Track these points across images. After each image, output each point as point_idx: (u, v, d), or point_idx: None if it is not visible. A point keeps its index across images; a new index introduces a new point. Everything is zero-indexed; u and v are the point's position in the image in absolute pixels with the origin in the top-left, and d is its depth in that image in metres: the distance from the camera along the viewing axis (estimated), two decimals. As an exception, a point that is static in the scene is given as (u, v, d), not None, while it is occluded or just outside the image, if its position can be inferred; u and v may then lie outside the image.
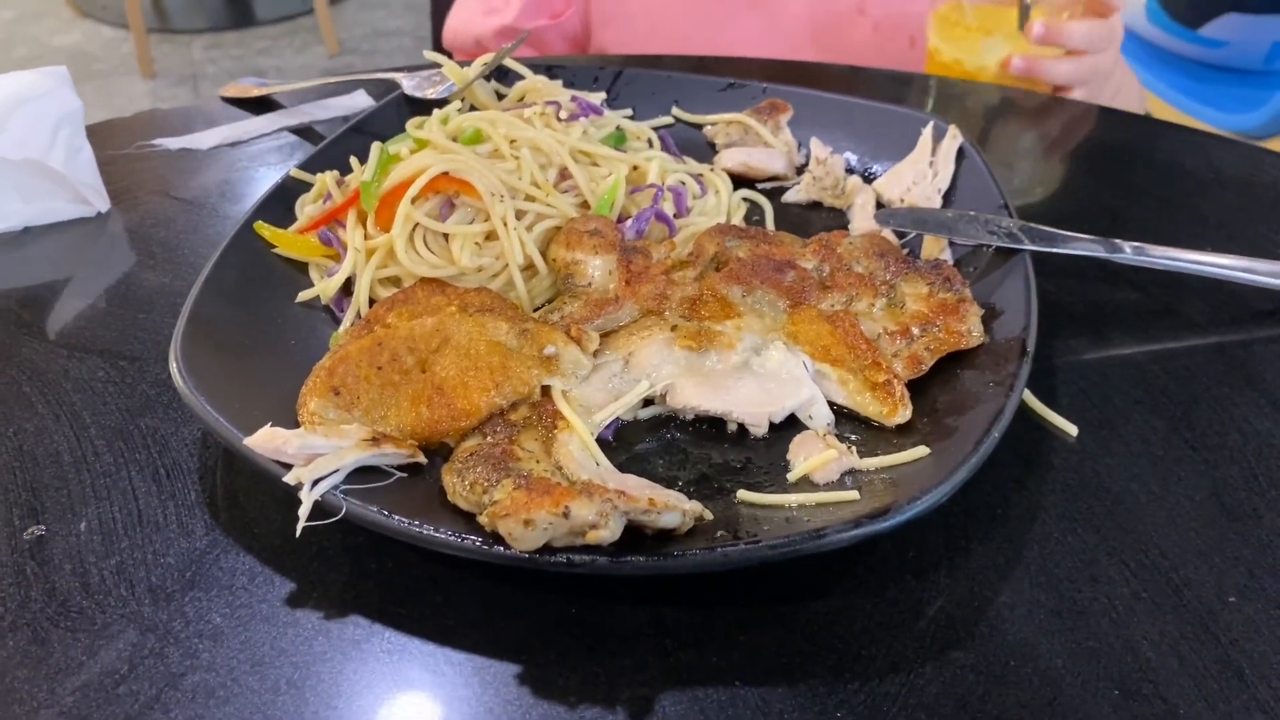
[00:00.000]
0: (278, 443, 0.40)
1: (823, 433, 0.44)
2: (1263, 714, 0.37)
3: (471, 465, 0.41)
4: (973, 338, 0.47)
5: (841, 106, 0.61)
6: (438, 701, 0.37)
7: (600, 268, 0.49)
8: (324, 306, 0.52)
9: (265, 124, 0.67)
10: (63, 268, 0.58)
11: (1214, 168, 0.66)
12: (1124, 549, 0.42)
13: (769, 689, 0.37)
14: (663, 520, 0.38)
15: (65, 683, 0.38)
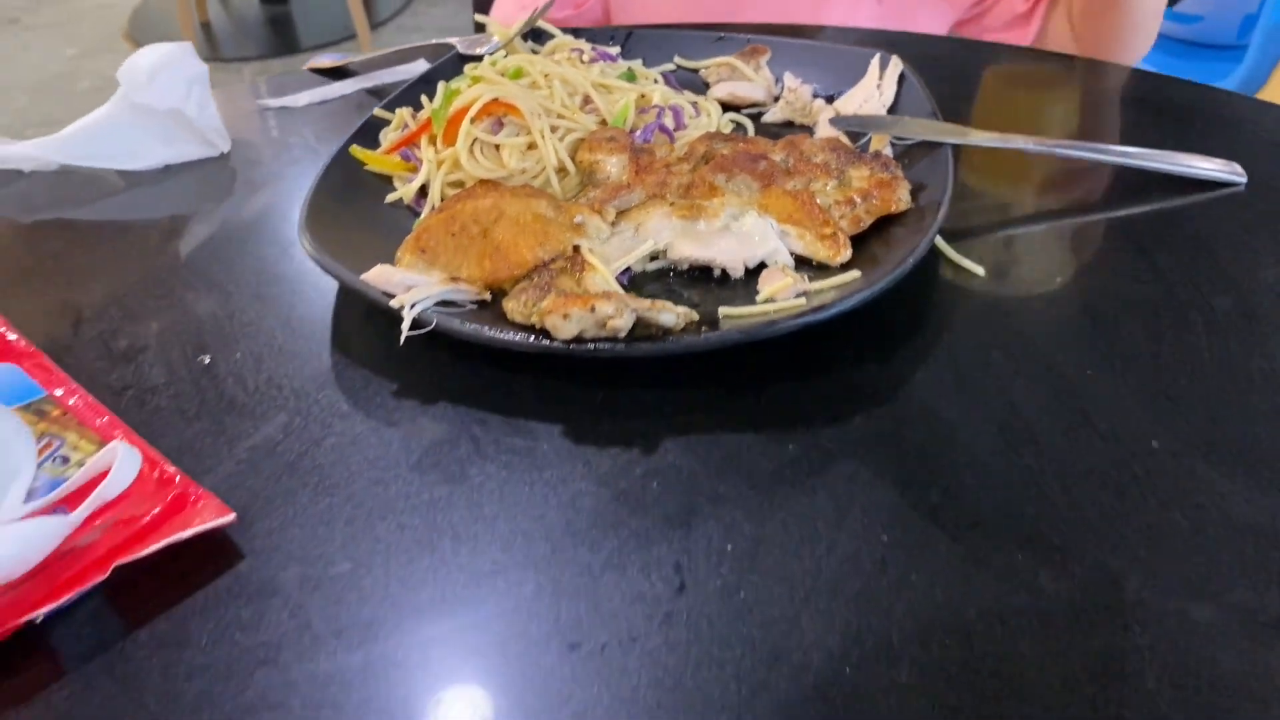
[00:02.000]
0: (387, 275, 0.56)
1: (782, 267, 0.59)
2: (1102, 441, 0.51)
3: (523, 291, 0.56)
4: (902, 204, 0.62)
5: (809, 48, 0.76)
6: (500, 450, 0.52)
7: (615, 164, 0.65)
8: (406, 206, 0.67)
9: (345, 87, 0.83)
10: (198, 194, 0.74)
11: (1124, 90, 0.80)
12: (1011, 347, 0.57)
13: (741, 435, 0.52)
14: (662, 318, 0.53)
15: (238, 446, 0.53)
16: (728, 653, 0.43)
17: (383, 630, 0.44)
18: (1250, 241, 0.63)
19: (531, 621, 0.44)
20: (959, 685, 0.41)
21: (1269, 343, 0.56)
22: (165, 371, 0.58)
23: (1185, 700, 0.40)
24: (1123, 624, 0.43)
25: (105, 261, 0.68)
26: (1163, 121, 0.77)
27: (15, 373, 0.57)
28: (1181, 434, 0.51)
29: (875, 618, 0.43)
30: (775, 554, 0.46)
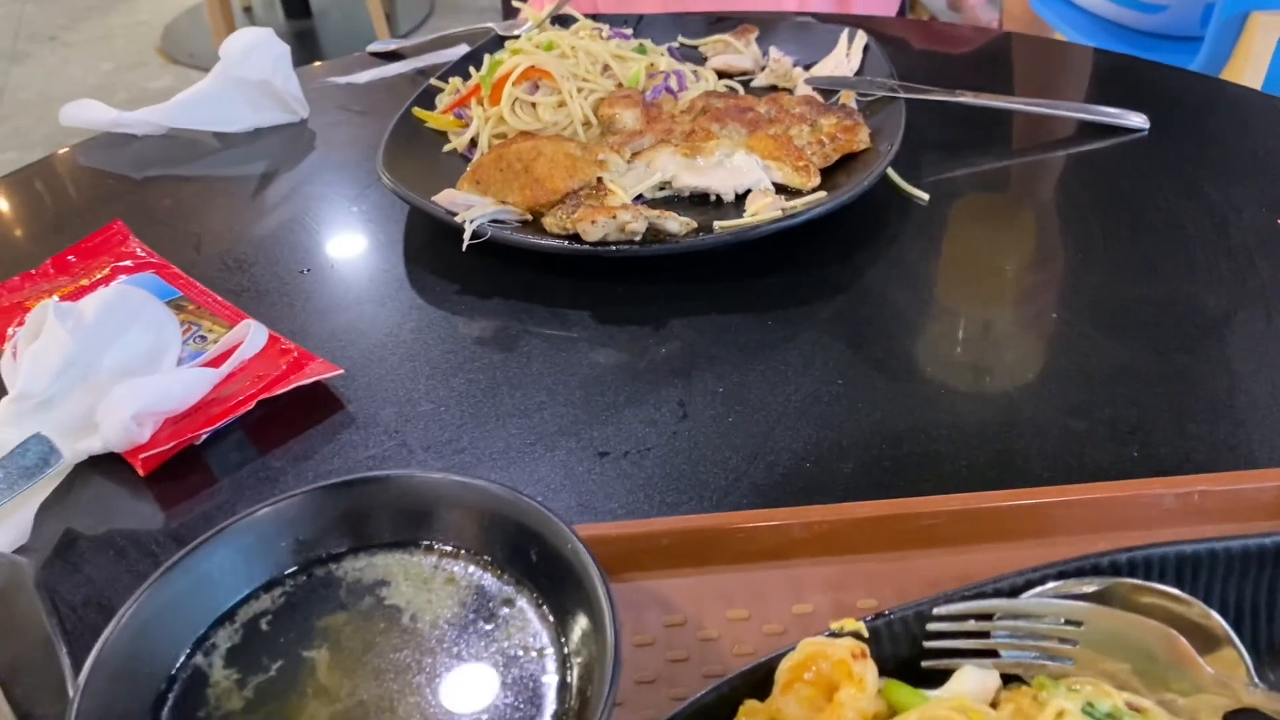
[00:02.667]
0: (452, 196, 0.70)
1: (764, 190, 0.73)
2: (1014, 311, 0.65)
3: (558, 209, 0.70)
4: (862, 143, 0.76)
5: (791, 25, 0.91)
6: (542, 329, 0.67)
7: (630, 117, 0.79)
8: (460, 155, 0.82)
9: (402, 67, 0.98)
10: (284, 151, 0.89)
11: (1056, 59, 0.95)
12: (946, 250, 0.71)
13: (730, 316, 0.66)
14: (668, 225, 0.68)
15: (337, 327, 0.68)
16: (718, 455, 0.57)
17: (460, 445, 0.59)
18: (1148, 176, 0.77)
19: (570, 438, 0.59)
20: (890, 473, 0.55)
21: (1149, 248, 0.70)
22: (273, 277, 0.73)
23: (1058, 479, 0.54)
24: (1018, 433, 0.57)
25: (213, 203, 0.83)
26: (1085, 82, 0.92)
27: (154, 280, 0.72)
28: (1076, 308, 0.65)
29: (829, 431, 0.58)
30: (755, 392, 0.61)
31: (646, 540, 0.49)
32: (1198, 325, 0.63)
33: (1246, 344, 0.61)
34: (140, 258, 0.74)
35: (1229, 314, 0.64)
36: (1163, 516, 0.50)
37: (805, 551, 0.50)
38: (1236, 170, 0.76)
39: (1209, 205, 0.73)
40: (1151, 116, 0.81)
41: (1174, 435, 0.56)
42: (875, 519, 0.50)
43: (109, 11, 3.74)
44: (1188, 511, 0.49)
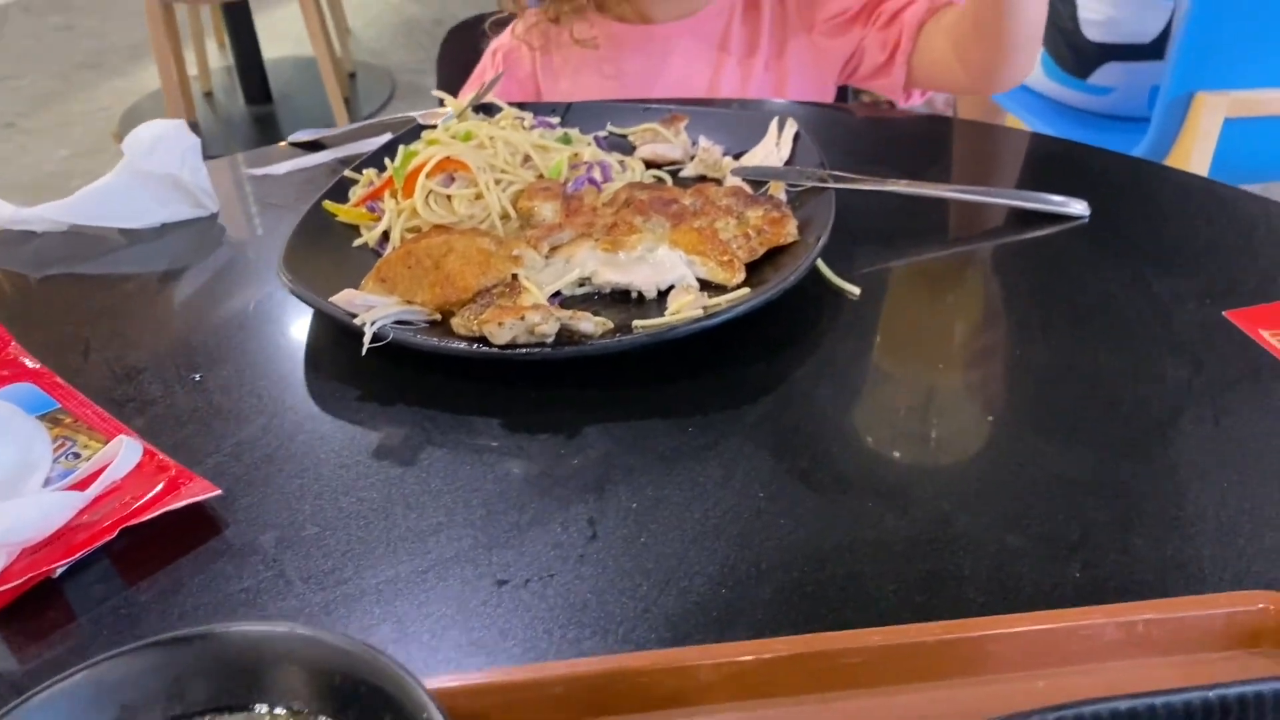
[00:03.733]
0: (350, 297, 0.66)
1: (687, 287, 0.69)
2: (948, 417, 0.61)
3: (468, 309, 0.66)
4: (790, 236, 0.73)
5: (720, 114, 0.89)
6: (446, 440, 0.62)
7: (549, 209, 0.76)
8: (371, 250, 0.78)
9: (322, 157, 0.95)
10: (191, 248, 0.85)
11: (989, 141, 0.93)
12: (878, 347, 0.67)
13: (650, 421, 0.62)
14: (582, 326, 0.64)
15: (224, 443, 0.63)
16: (627, 581, 0.52)
17: (343, 575, 0.53)
18: (1089, 266, 0.74)
19: (467, 565, 0.54)
20: (812, 598, 0.50)
21: (1090, 342, 0.66)
22: (162, 387, 0.68)
23: (993, 605, 0.49)
24: (950, 550, 0.52)
25: (110, 304, 0.78)
26: (1026, 168, 0.90)
27: (32, 390, 0.67)
28: (1014, 410, 0.61)
29: (748, 551, 0.53)
30: (672, 509, 0.56)
31: (535, 689, 0.44)
32: (1142, 428, 0.59)
33: (1193, 448, 0.58)
34: (19, 365, 0.69)
35: (1175, 415, 0.60)
36: (1106, 649, 0.45)
37: (715, 696, 0.45)
38: (1180, 259, 0.73)
39: (1152, 296, 0.69)
40: (1093, 203, 0.79)
41: (1117, 553, 0.51)
42: (791, 657, 0.45)
43: (68, 99, 3.73)
44: (1131, 642, 0.45)
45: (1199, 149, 1.53)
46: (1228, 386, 0.62)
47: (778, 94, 1.08)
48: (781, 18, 1.10)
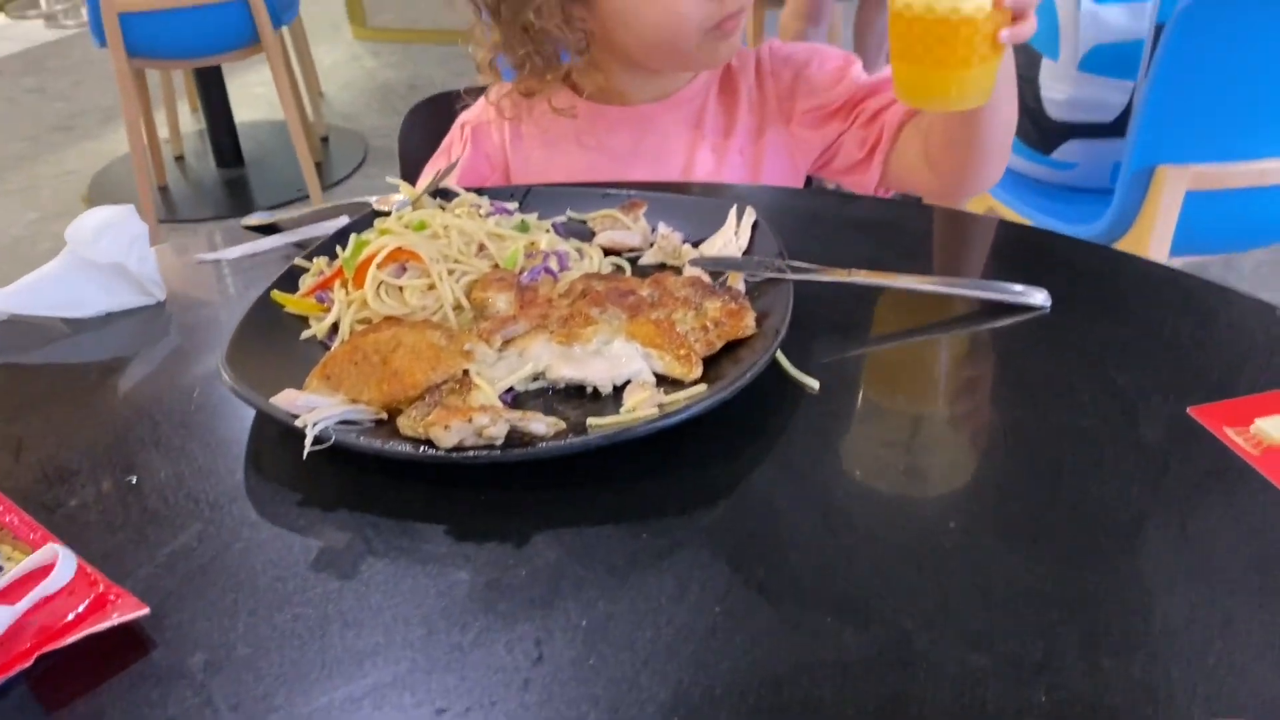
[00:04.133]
0: (292, 398, 0.64)
1: (643, 384, 0.68)
2: (909, 523, 0.59)
3: (415, 408, 0.64)
4: (748, 329, 0.71)
5: (679, 201, 0.88)
6: (389, 549, 0.59)
7: (504, 300, 0.74)
8: (320, 342, 0.76)
9: (275, 241, 0.93)
10: (136, 338, 0.82)
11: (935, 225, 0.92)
12: (838, 447, 0.65)
13: (602, 528, 0.60)
14: (533, 427, 0.62)
15: (157, 553, 0.60)
16: (572, 710, 0.49)
17: (274, 703, 0.50)
18: (1051, 359, 0.73)
19: (404, 691, 0.51)
20: (768, 726, 0.48)
21: (1053, 441, 0.65)
22: (95, 490, 0.65)
23: (958, 731, 0.47)
24: (910, 671, 0.50)
25: (47, 398, 0.76)
26: (988, 254, 0.89)
27: (-43, 496, 0.64)
28: (976, 517, 0.60)
29: (703, 674, 0.51)
30: (623, 626, 0.54)
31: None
32: (1108, 535, 0.57)
33: (1160, 558, 0.56)
34: (-54, 469, 0.66)
35: (1141, 521, 0.58)
36: (1073, 788, 0.43)
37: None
38: (1143, 352, 0.72)
39: (1116, 392, 0.68)
40: (1054, 292, 0.78)
41: (1084, 672, 0.49)
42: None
43: (37, 162, 3.71)
44: (1101, 781, 0.43)
45: (1162, 221, 1.54)
46: (1194, 489, 0.60)
47: (752, 178, 1.07)
48: (760, 104, 1.09)
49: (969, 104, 0.82)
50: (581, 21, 1.02)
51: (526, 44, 1.03)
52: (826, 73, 1.07)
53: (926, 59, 0.77)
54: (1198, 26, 1.38)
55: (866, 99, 1.04)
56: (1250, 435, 0.63)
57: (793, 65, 1.09)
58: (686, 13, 0.97)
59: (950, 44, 0.76)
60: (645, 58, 1.05)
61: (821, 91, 1.06)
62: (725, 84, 1.11)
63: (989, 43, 0.77)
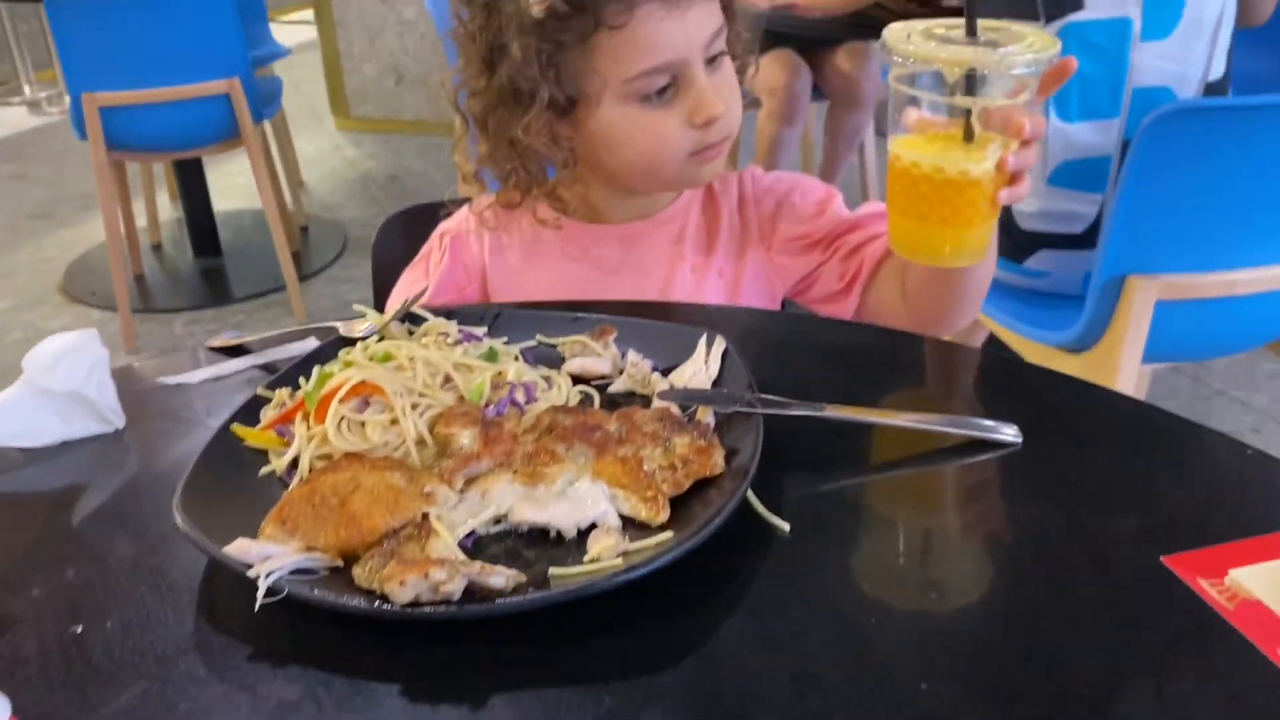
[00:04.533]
0: (244, 548, 0.62)
1: (608, 529, 0.66)
2: (879, 684, 0.57)
3: (371, 558, 0.62)
4: (716, 468, 0.70)
5: (649, 327, 0.87)
6: (340, 710, 0.57)
7: (468, 437, 0.73)
8: (279, 478, 0.74)
9: (240, 364, 0.92)
10: (92, 468, 0.80)
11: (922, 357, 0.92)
12: (809, 598, 0.64)
13: (563, 689, 0.58)
14: (491, 581, 0.60)
15: (96, 714, 0.57)
16: None
17: None
18: (1022, 501, 0.72)
19: None
20: None
21: (1025, 592, 0.64)
22: (37, 642, 0.63)
23: None
24: None
25: (-6, 536, 0.73)
26: (961, 384, 0.89)
27: (-108, 648, 0.61)
28: (946, 676, 0.58)
29: None
30: (580, 803, 0.51)
31: None
32: (1081, 696, 0.56)
33: None
34: (-118, 618, 0.64)
35: (1115, 682, 0.57)
36: None
37: None
38: (1114, 494, 0.71)
39: (1088, 538, 0.67)
40: (1025, 425, 0.77)
41: None
42: None
43: (15, 249, 3.70)
44: None
45: (1133, 330, 1.55)
46: (1169, 647, 0.59)
47: (730, 299, 1.07)
48: (741, 228, 1.10)
49: (965, 262, 0.84)
50: (568, 140, 1.02)
51: (513, 158, 1.03)
52: (809, 204, 1.09)
53: (931, 217, 0.79)
54: (1163, 141, 1.41)
55: (848, 233, 1.05)
56: (1225, 588, 0.62)
57: (775, 194, 1.11)
58: (672, 141, 0.99)
59: (955, 204, 0.78)
60: (628, 180, 1.06)
61: (804, 221, 1.08)
62: (707, 204, 1.12)
63: (990, 203, 0.79)
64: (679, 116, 0.98)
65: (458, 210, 1.15)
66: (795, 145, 2.89)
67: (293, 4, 6.42)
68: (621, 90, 0.97)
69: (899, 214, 0.83)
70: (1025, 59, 0.75)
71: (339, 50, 4.63)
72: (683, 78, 0.98)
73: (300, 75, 5.33)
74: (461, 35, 1.04)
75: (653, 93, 0.97)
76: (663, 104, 0.98)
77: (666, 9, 0.95)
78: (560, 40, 0.95)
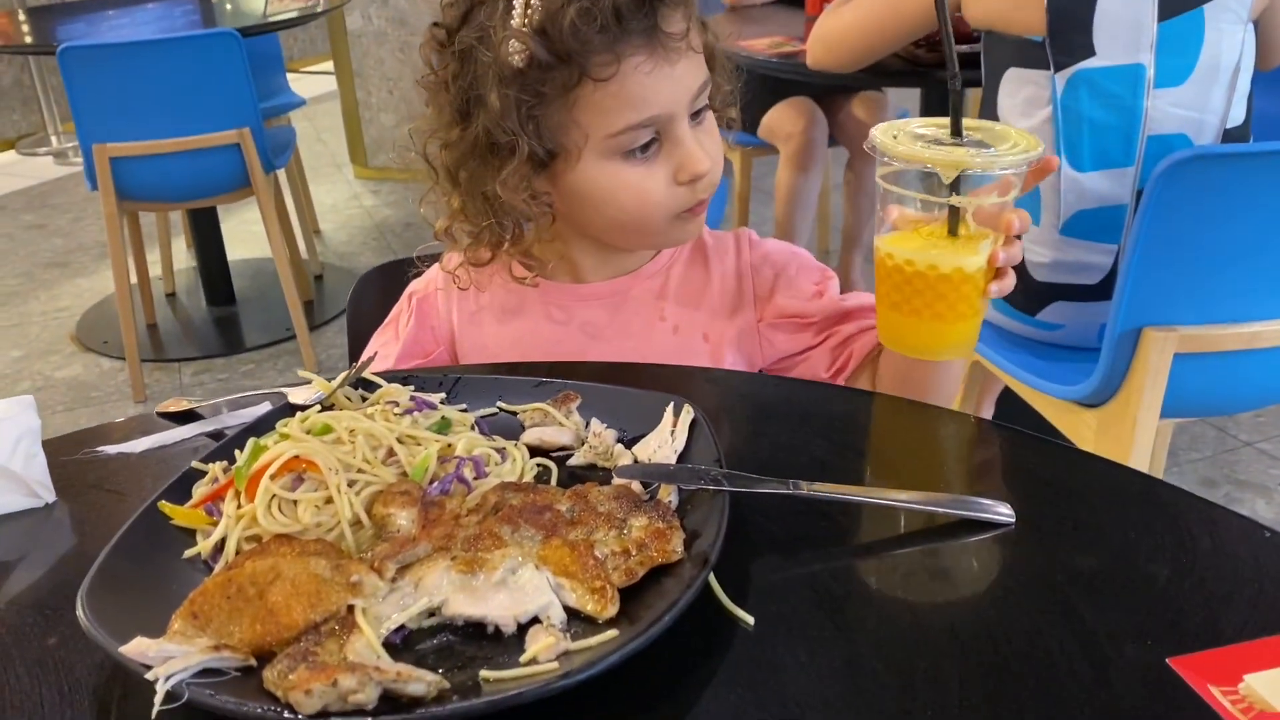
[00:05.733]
0: (143, 648, 0.56)
1: (547, 626, 0.60)
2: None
3: (281, 661, 0.56)
4: (674, 555, 0.64)
5: (614, 394, 0.81)
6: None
7: (406, 517, 0.67)
8: (204, 560, 0.68)
9: (187, 431, 0.87)
10: (18, 546, 0.75)
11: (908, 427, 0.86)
12: (769, 701, 0.57)
13: (485, 811, 0.51)
14: (410, 688, 0.54)
15: (-30, 837, 0.52)
16: None
17: None
18: (1015, 591, 0.65)
19: None
20: None
21: (1016, 703, 0.57)
22: (-82, 749, 0.57)
23: None
24: None
25: (-99, 622, 0.68)
26: (946, 455, 0.82)
27: None
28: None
29: None
30: None
31: None
32: (1072, 831, 0.49)
33: None
34: None
35: (1111, 814, 0.50)
36: None
37: None
38: (1116, 585, 0.64)
39: (1085, 635, 0.60)
40: (1020, 503, 0.70)
41: None
42: None
43: (29, 298, 3.71)
44: None
45: (1151, 384, 1.48)
46: (1174, 769, 0.52)
47: (713, 361, 1.02)
48: (735, 291, 1.06)
49: (954, 355, 0.86)
50: (546, 195, 0.97)
51: (487, 214, 0.98)
52: (808, 283, 1.05)
53: (925, 313, 0.80)
54: (1177, 188, 1.34)
55: (840, 322, 1.02)
56: (1239, 696, 0.55)
57: (772, 264, 1.06)
58: (656, 198, 0.94)
59: (949, 300, 0.80)
60: (610, 237, 1.01)
61: (800, 299, 1.04)
62: (696, 259, 1.07)
63: (982, 297, 0.81)
64: (663, 173, 0.94)
65: (429, 268, 1.10)
66: (813, 197, 2.83)
67: (315, 55, 6.49)
68: (604, 145, 0.92)
69: (891, 309, 0.83)
70: (1015, 159, 0.77)
71: (357, 100, 4.66)
72: (667, 133, 0.93)
73: (323, 125, 5.37)
74: (433, 83, 0.99)
75: (636, 148, 0.92)
76: (646, 160, 0.93)
77: (654, 61, 0.90)
78: (541, 92, 0.90)
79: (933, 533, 0.70)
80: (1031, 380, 1.70)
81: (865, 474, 0.78)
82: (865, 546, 0.70)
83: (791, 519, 0.71)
